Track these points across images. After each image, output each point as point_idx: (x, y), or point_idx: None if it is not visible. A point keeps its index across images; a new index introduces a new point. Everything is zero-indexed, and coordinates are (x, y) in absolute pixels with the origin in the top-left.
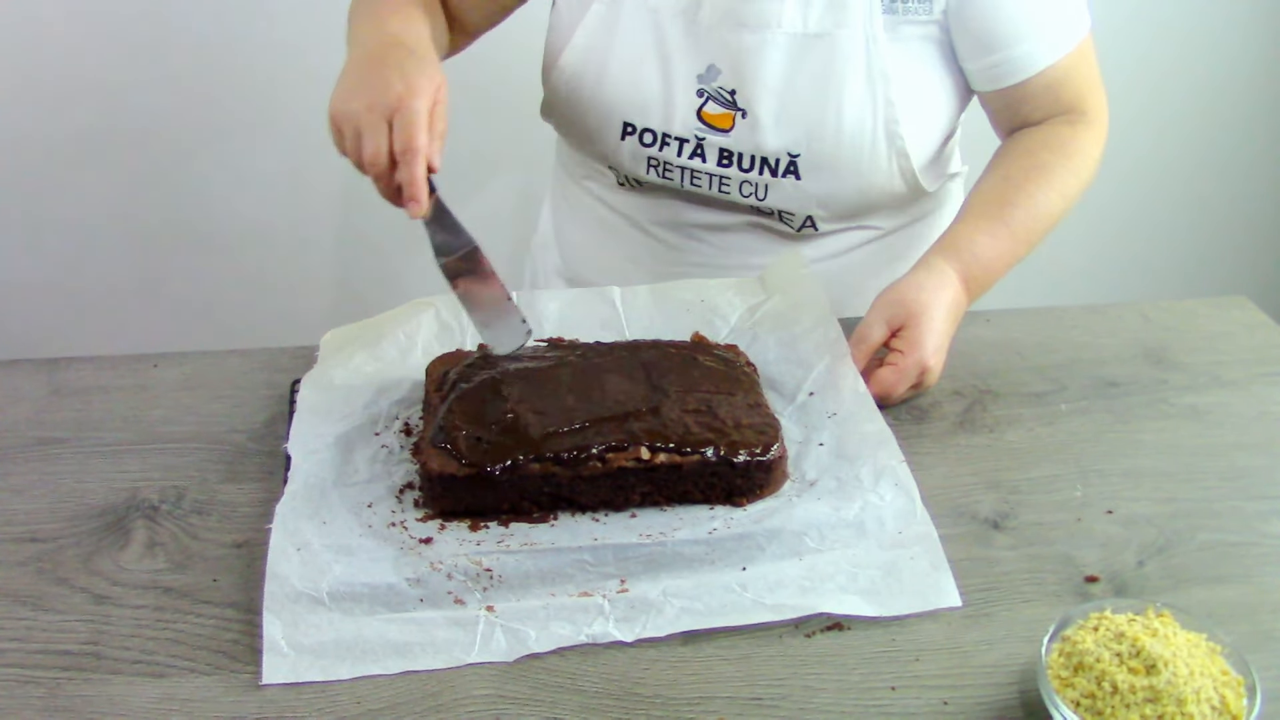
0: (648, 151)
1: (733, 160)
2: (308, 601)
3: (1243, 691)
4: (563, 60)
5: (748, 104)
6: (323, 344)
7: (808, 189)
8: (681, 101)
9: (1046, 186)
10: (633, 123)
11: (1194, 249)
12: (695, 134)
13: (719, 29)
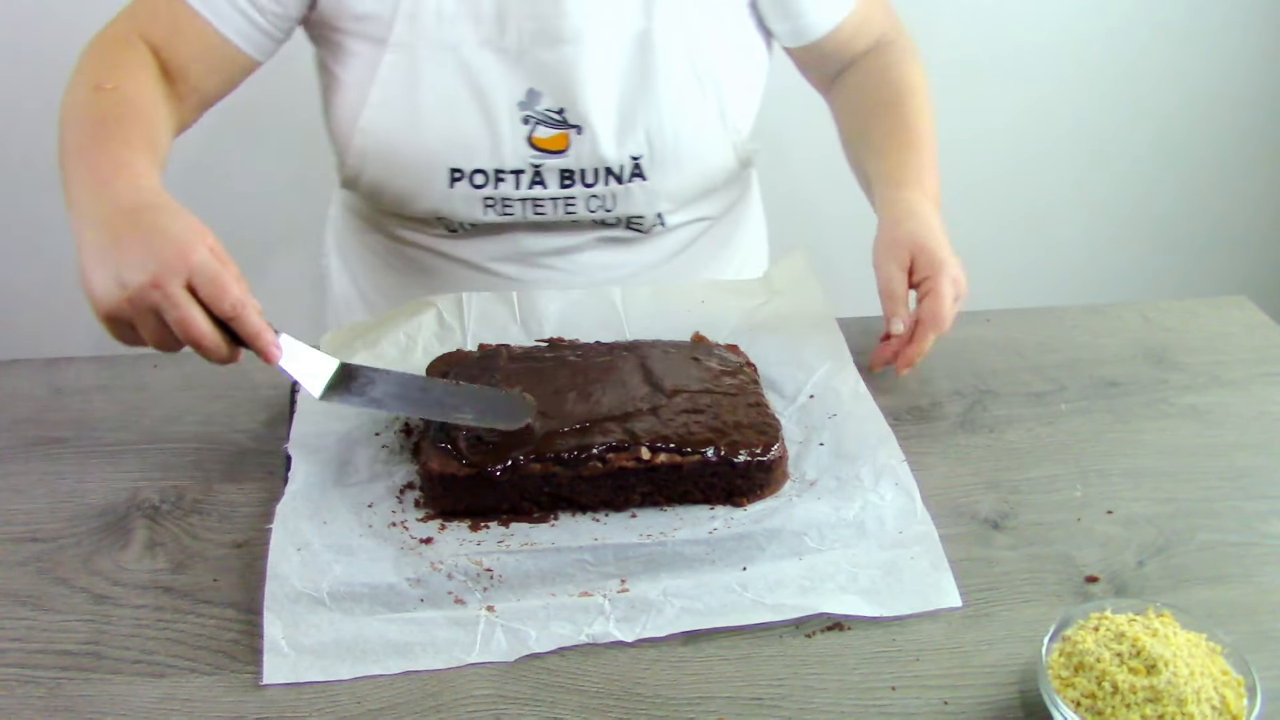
0: (482, 192)
1: (575, 179)
2: (308, 601)
3: (1243, 691)
4: (364, 122)
5: (581, 119)
6: (323, 344)
7: (655, 187)
8: (508, 133)
9: (917, 95)
10: (459, 167)
11: (1194, 249)
12: (530, 162)
13: (531, 50)
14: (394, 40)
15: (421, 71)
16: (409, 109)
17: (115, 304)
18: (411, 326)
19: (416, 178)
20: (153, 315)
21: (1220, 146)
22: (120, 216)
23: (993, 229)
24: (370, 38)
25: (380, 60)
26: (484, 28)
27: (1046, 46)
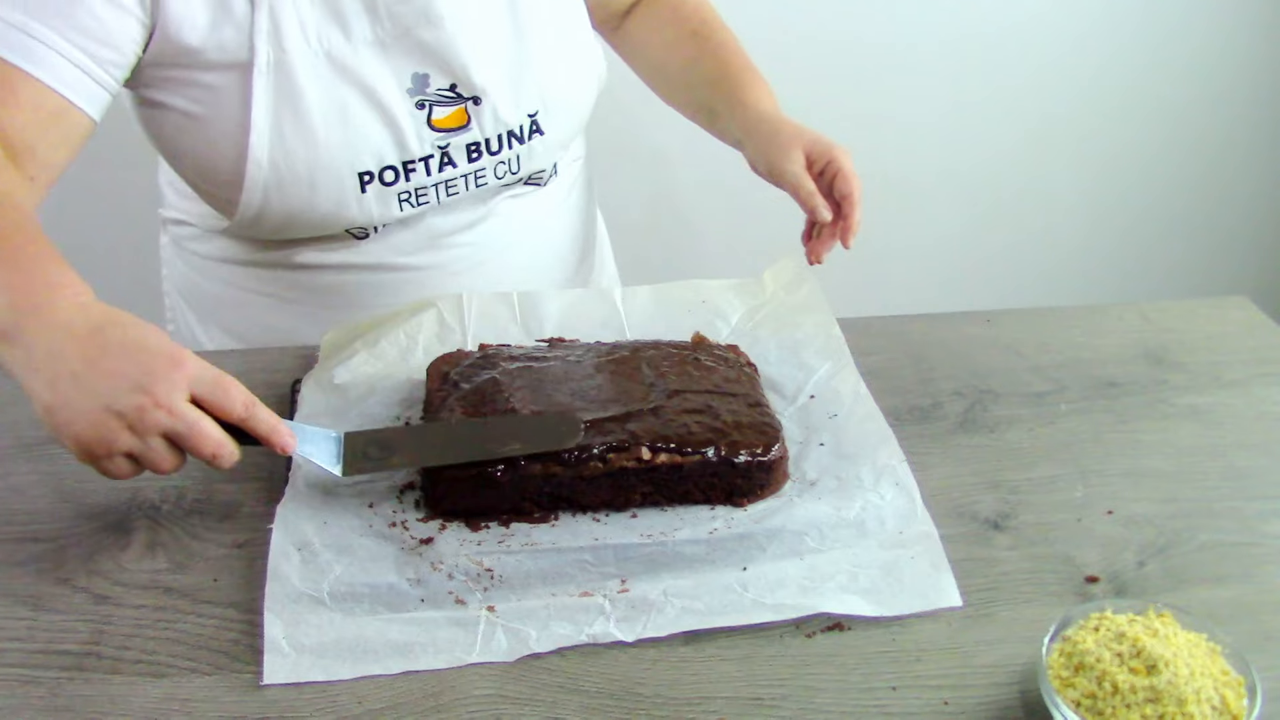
0: (395, 189)
1: (481, 150)
2: (309, 601)
3: (1243, 692)
4: (255, 151)
5: (476, 90)
6: (323, 344)
7: (552, 138)
8: (407, 123)
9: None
10: (368, 170)
11: (1194, 249)
12: (437, 145)
13: (408, 35)
14: (260, 62)
15: (302, 86)
16: (300, 126)
17: (108, 435)
18: (411, 326)
19: (328, 193)
20: (158, 439)
21: (1220, 146)
22: (82, 341)
23: (993, 229)
24: (229, 66)
25: (251, 85)
26: (352, 25)
27: (1046, 46)
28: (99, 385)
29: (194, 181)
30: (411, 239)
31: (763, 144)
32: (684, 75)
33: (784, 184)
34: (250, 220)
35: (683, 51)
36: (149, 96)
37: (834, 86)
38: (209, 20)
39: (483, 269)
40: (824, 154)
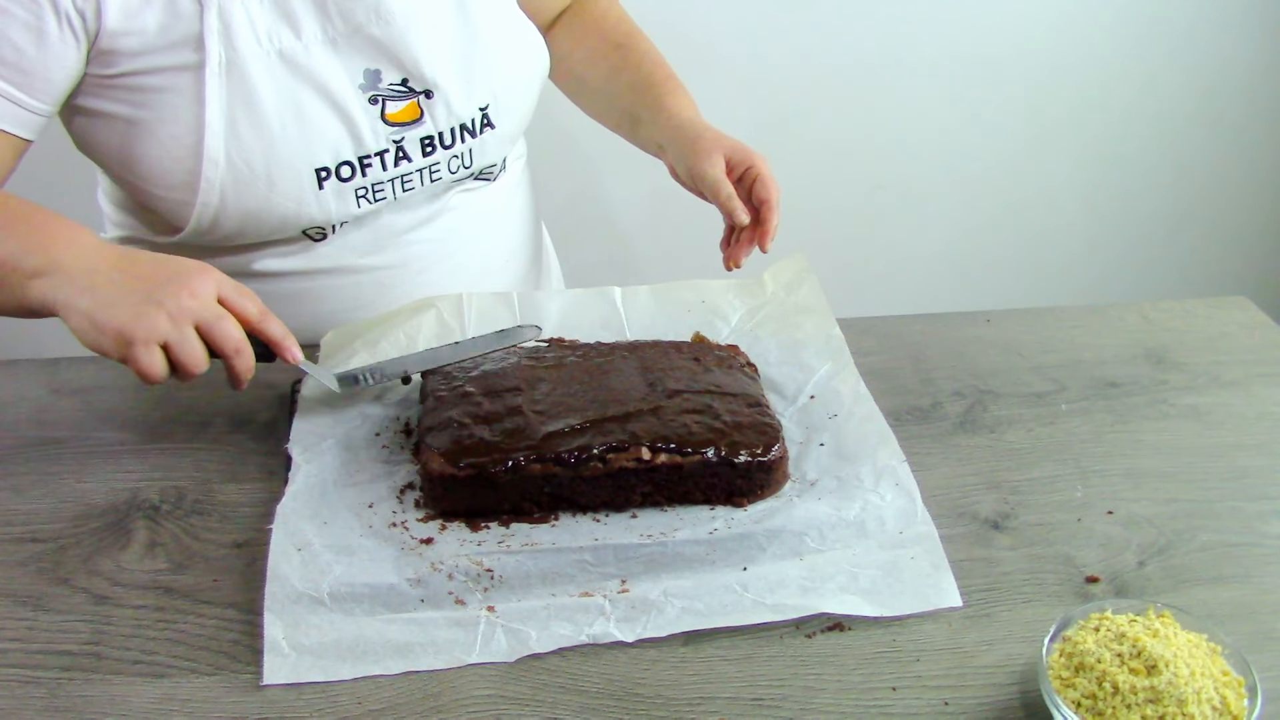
0: (351, 184)
1: (435, 144)
2: (308, 602)
3: (1243, 692)
4: (211, 153)
5: (427, 83)
6: (323, 344)
7: (503, 131)
8: (361, 118)
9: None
10: (325, 165)
11: (1194, 249)
12: (391, 139)
13: (358, 32)
14: (212, 63)
15: (255, 85)
16: (255, 125)
17: (148, 322)
18: (411, 327)
19: (285, 189)
20: (191, 329)
21: (1220, 146)
22: (115, 259)
23: (992, 229)
24: (179, 68)
25: (203, 86)
26: (303, 24)
27: (1046, 46)
28: (138, 283)
29: (145, 190)
30: (368, 238)
31: (683, 150)
32: (606, 85)
33: (704, 189)
34: (206, 225)
35: (606, 62)
36: (90, 107)
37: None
38: (157, 25)
39: (440, 266)
40: (744, 160)
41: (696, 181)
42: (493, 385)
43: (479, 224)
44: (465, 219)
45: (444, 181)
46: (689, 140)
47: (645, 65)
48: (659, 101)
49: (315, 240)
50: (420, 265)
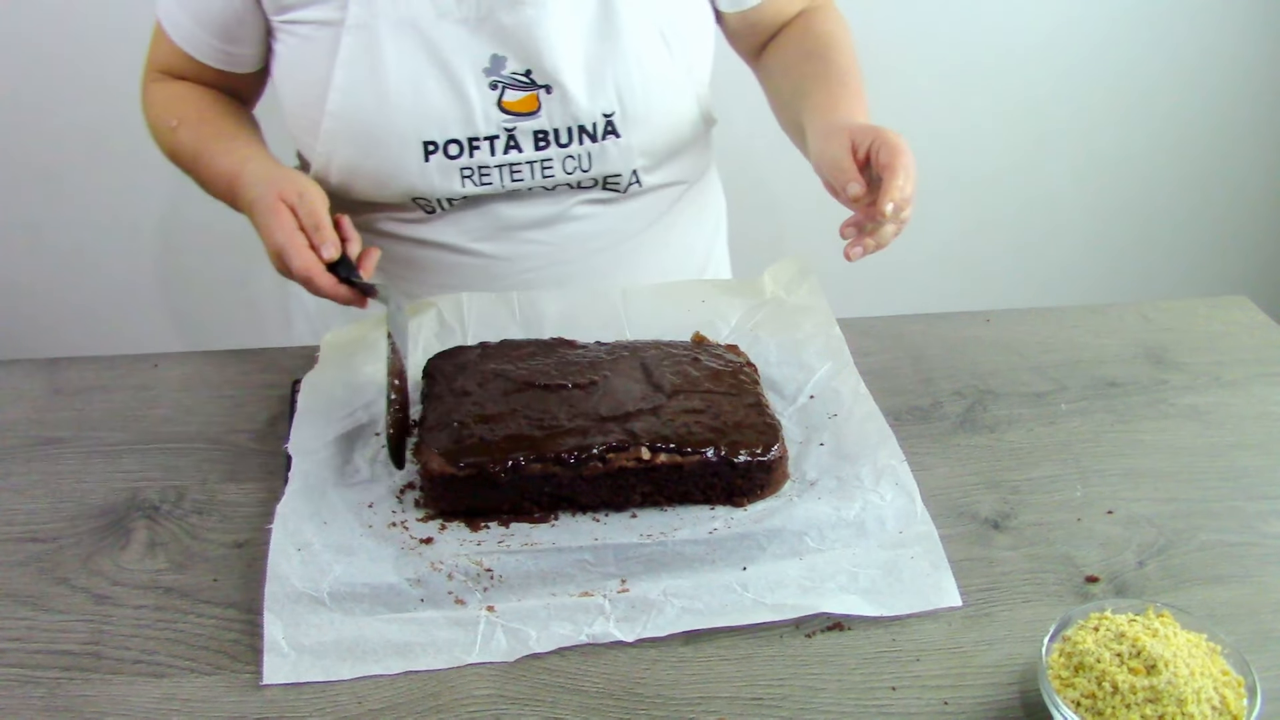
0: (458, 163)
1: (549, 140)
2: (308, 601)
3: (1243, 691)
4: (331, 105)
5: (549, 78)
6: (323, 344)
7: (629, 143)
8: (477, 100)
9: (843, 45)
10: (433, 139)
11: (1194, 249)
12: (503, 126)
13: (492, 16)
14: (351, 22)
15: (383, 50)
16: (375, 88)
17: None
18: (411, 327)
19: (390, 156)
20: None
21: (1220, 146)
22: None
23: (993, 229)
24: (324, 22)
25: (339, 42)
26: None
27: (1046, 45)
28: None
29: (288, 125)
30: (481, 224)
31: (817, 142)
32: (790, 97)
33: (824, 164)
34: (323, 173)
35: (796, 72)
36: (271, 44)
37: None
38: None
39: (550, 271)
40: (868, 135)
41: (823, 167)
42: (493, 385)
43: (602, 242)
44: (587, 232)
45: (559, 180)
46: (823, 135)
47: (827, 76)
48: (825, 105)
49: (427, 213)
50: (529, 264)
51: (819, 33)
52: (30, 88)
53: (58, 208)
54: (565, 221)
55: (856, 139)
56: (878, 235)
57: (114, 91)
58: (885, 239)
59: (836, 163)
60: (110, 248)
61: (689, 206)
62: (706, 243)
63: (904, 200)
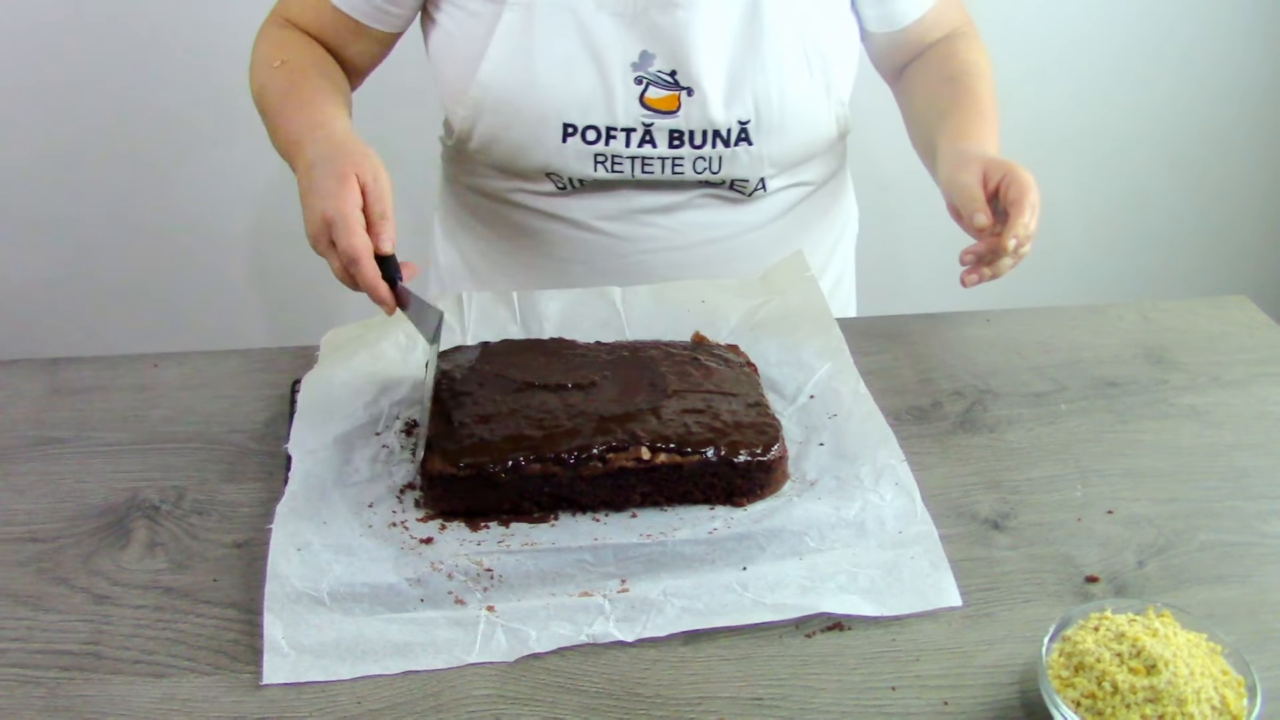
0: (593, 149)
1: (684, 140)
2: (308, 601)
3: (1243, 691)
4: (482, 75)
5: (692, 81)
6: (323, 344)
7: (761, 152)
8: (621, 92)
9: (983, 74)
10: (573, 123)
11: (1194, 249)
12: (642, 121)
13: (646, 13)
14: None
15: (539, 30)
16: (526, 65)
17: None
18: (411, 327)
19: (530, 131)
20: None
21: (1220, 147)
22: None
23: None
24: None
25: (499, 18)
26: None
27: (1045, 45)
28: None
29: (439, 90)
30: (610, 206)
31: (947, 169)
32: (923, 118)
33: (953, 192)
34: (462, 136)
35: (933, 94)
36: (429, 13)
37: None
38: None
39: (668, 256)
40: (1000, 168)
41: (948, 189)
42: (493, 385)
43: (721, 233)
44: (707, 222)
45: (687, 178)
46: (951, 158)
47: (964, 103)
48: (959, 131)
49: (559, 189)
50: (649, 246)
51: (962, 60)
52: (30, 88)
53: (58, 208)
54: (687, 210)
55: (989, 171)
56: (995, 266)
57: (114, 91)
58: (1001, 270)
59: (967, 191)
60: (111, 248)
61: (812, 209)
62: (829, 247)
63: (1026, 237)
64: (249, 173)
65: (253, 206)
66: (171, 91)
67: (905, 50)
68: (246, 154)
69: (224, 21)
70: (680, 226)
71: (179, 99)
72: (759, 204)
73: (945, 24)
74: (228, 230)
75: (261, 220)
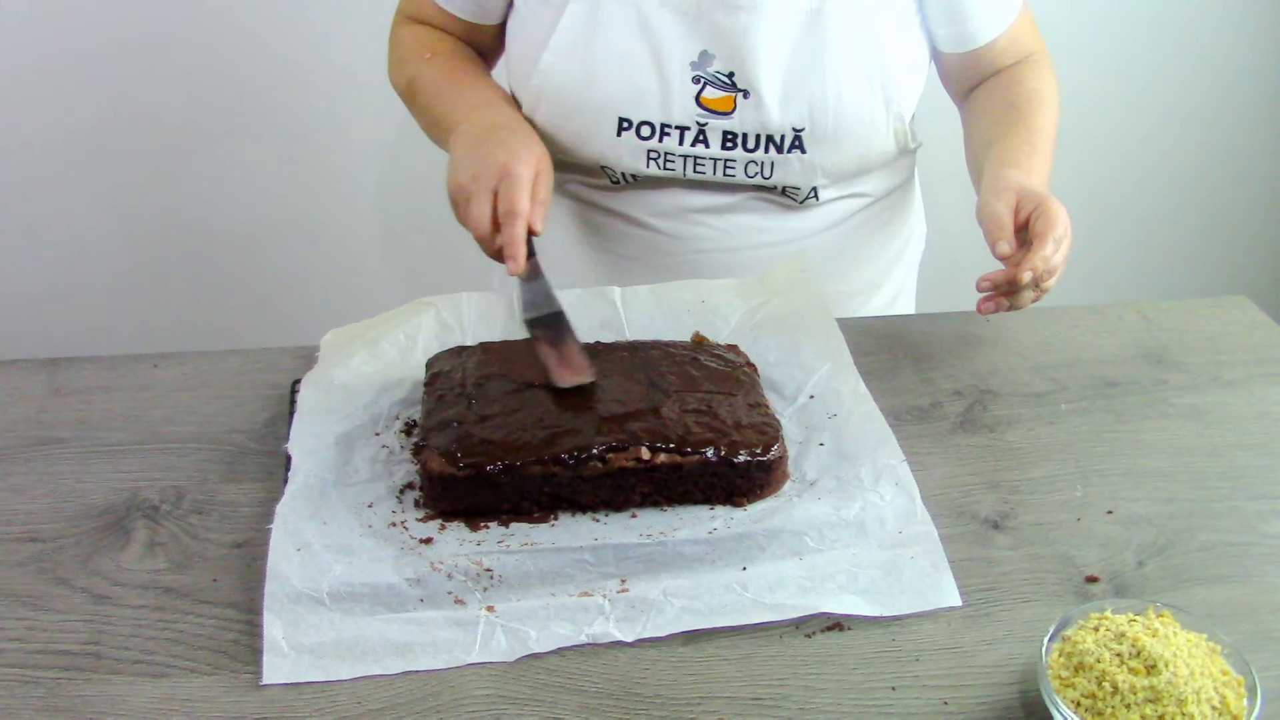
0: (647, 144)
1: (737, 142)
2: (308, 602)
3: (1243, 691)
4: (543, 63)
5: (749, 84)
6: (323, 344)
7: (814, 160)
8: (679, 90)
9: (1046, 103)
10: (629, 117)
11: (1194, 249)
12: (696, 120)
13: (709, 14)
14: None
15: (602, 23)
16: (585, 57)
17: (454, 191)
18: (411, 327)
19: (586, 123)
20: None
21: (1220, 147)
22: (485, 130)
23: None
24: None
25: (565, 8)
26: None
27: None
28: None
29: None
30: (661, 202)
31: (985, 192)
32: (980, 139)
33: (983, 221)
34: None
35: (991, 117)
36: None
37: None
38: None
39: (717, 256)
40: (1034, 200)
41: (982, 219)
42: (493, 385)
43: (771, 238)
44: (758, 225)
45: (739, 181)
46: (993, 187)
47: (1018, 131)
48: (1005, 158)
49: (613, 183)
50: (699, 246)
51: (1027, 88)
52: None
53: (58, 208)
54: (739, 212)
55: (1023, 201)
56: (1015, 298)
57: (114, 92)
58: (1021, 303)
59: (997, 218)
60: (110, 248)
61: (869, 222)
62: (888, 262)
63: (1047, 271)
64: (249, 173)
65: (253, 206)
66: (171, 91)
67: (975, 73)
68: (246, 154)
69: (224, 22)
70: (731, 228)
71: (179, 99)
72: (812, 212)
73: (1018, 50)
74: (227, 230)
75: (261, 220)
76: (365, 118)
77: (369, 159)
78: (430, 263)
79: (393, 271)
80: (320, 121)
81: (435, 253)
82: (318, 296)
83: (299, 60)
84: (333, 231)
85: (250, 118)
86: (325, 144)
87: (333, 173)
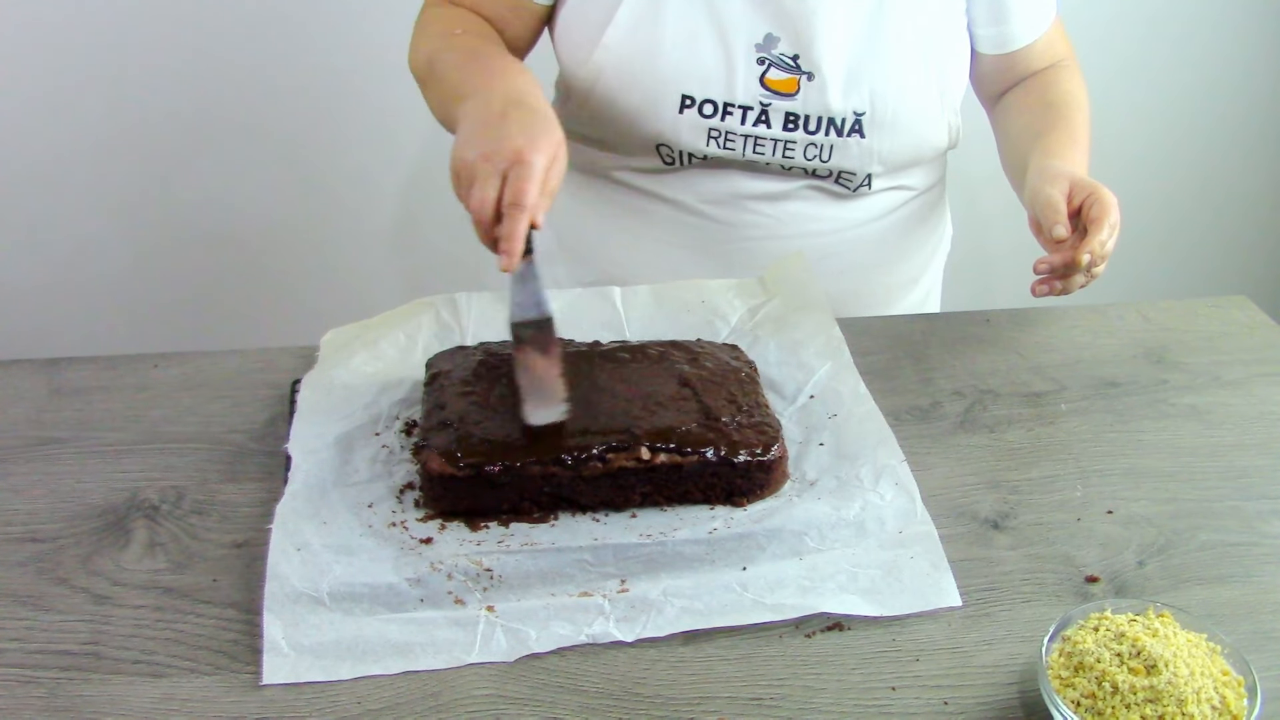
0: (709, 123)
1: (798, 124)
2: (308, 601)
3: (1243, 692)
4: (608, 37)
5: (814, 67)
6: (323, 344)
7: (872, 146)
8: (742, 70)
9: (1081, 104)
10: (692, 95)
11: (1194, 249)
12: (760, 101)
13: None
14: None
15: (669, 2)
16: (651, 33)
17: (460, 164)
18: (411, 327)
19: (648, 98)
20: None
21: (1221, 147)
22: (504, 104)
23: (992, 229)
24: None
25: None
26: None
27: None
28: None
29: (560, 53)
30: (714, 188)
31: (1034, 185)
32: (1017, 140)
33: (1036, 204)
34: (579, 99)
35: (1030, 115)
36: None
37: None
38: None
39: (770, 244)
40: (1086, 187)
41: (1035, 206)
42: (493, 385)
43: (822, 226)
44: (809, 214)
45: (797, 164)
46: (1043, 176)
47: (1060, 127)
48: (1052, 151)
49: (667, 164)
50: (750, 234)
51: (1063, 89)
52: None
53: (58, 208)
54: (791, 200)
55: (1075, 188)
56: (1067, 281)
57: (115, 92)
58: (1073, 287)
59: (1051, 203)
60: (110, 248)
61: (911, 216)
62: (925, 258)
63: (1101, 256)
64: (249, 173)
65: (252, 206)
66: (172, 91)
67: (1010, 75)
68: (246, 154)
69: (224, 22)
70: (783, 216)
71: (180, 99)
72: (861, 202)
73: (1051, 54)
74: (227, 230)
75: (261, 220)
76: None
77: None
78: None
79: (393, 271)
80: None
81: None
82: (318, 296)
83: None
84: (333, 231)
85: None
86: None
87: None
